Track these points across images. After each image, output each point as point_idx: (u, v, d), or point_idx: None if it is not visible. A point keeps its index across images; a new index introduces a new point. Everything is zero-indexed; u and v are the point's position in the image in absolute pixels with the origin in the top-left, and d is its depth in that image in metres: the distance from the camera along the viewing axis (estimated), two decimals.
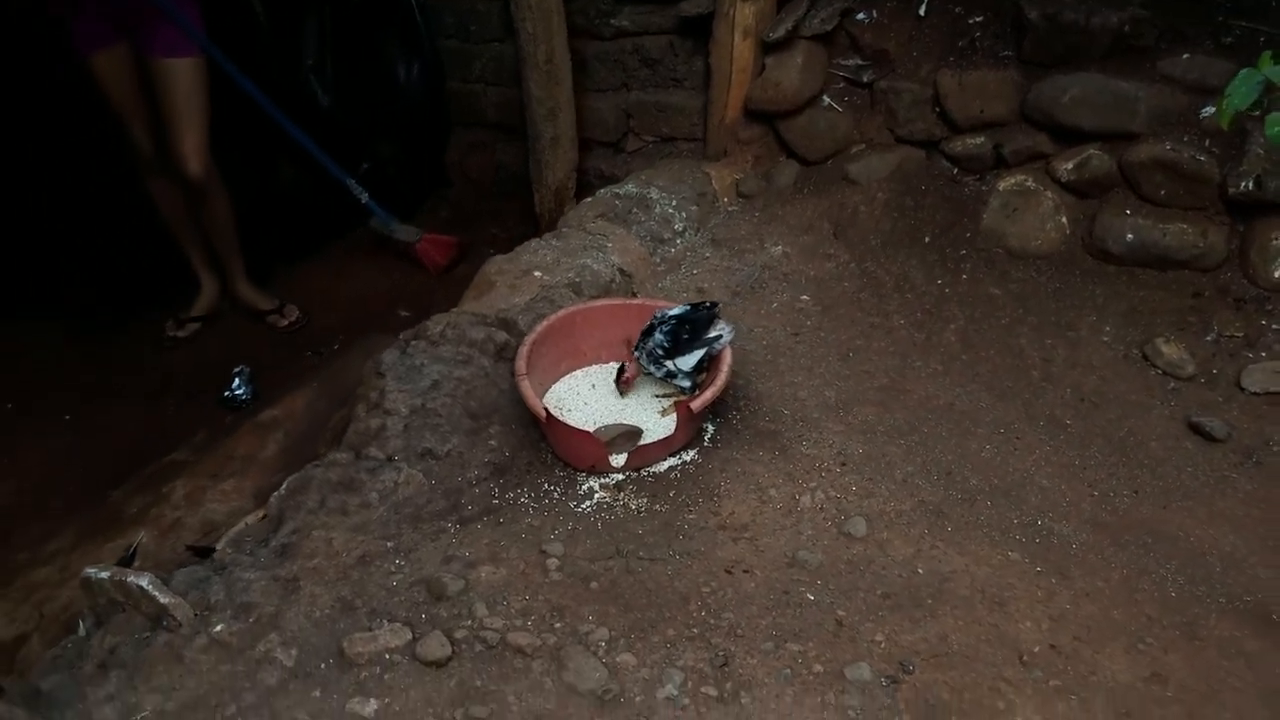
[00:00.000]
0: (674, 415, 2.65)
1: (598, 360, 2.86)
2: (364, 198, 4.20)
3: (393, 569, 2.26)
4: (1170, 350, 2.81)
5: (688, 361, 2.57)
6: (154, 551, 2.50)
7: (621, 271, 3.15)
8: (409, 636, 2.07)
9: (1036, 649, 2.03)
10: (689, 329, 2.56)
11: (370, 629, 2.11)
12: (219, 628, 2.10)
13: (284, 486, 2.49)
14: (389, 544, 2.33)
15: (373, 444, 2.56)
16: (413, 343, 2.81)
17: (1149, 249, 3.08)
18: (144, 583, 2.12)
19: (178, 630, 2.10)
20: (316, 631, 2.12)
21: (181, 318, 4.04)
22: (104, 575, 2.16)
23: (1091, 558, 2.26)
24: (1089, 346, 2.92)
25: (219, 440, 2.82)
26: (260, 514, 2.58)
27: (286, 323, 4.03)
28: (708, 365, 2.63)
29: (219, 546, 2.48)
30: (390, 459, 2.53)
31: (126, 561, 2.42)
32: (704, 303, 2.63)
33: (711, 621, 2.11)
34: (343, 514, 2.40)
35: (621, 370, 2.74)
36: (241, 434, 2.81)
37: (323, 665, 2.04)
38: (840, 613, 2.12)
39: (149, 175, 3.80)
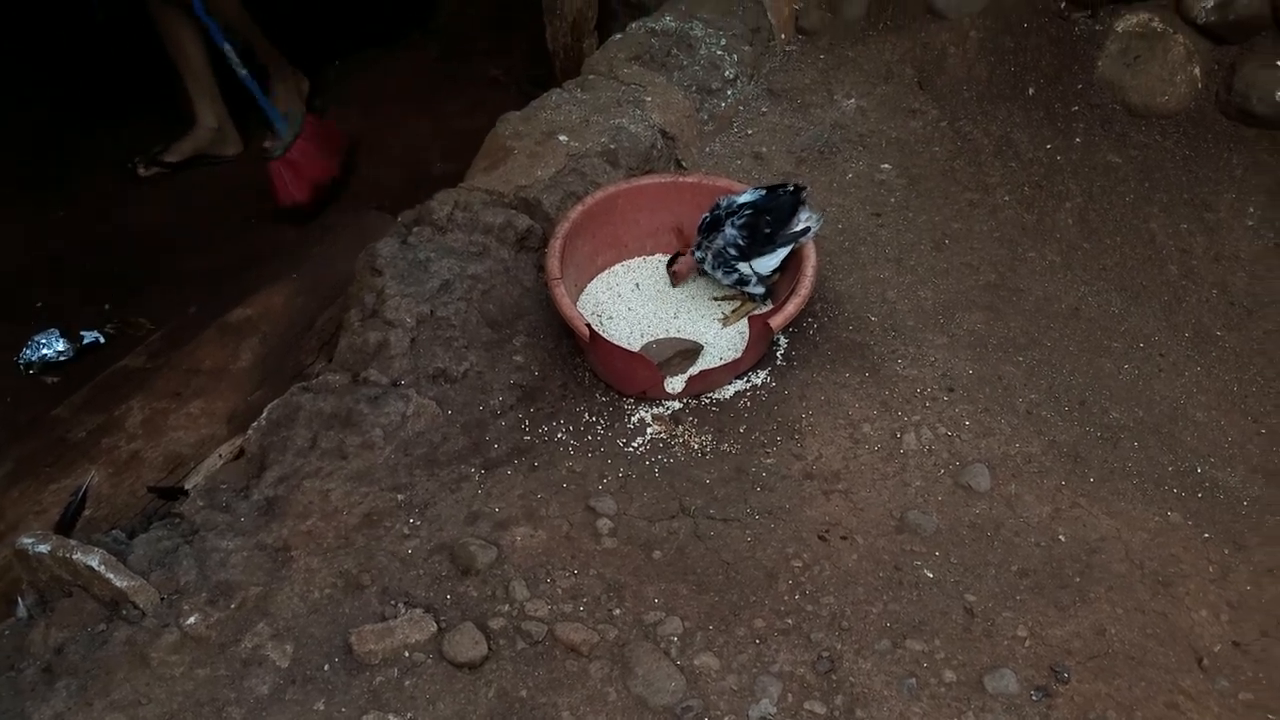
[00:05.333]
0: (739, 327, 2.17)
1: (641, 251, 2.34)
2: (241, 72, 3.11)
3: (406, 531, 1.83)
4: None
5: (768, 263, 2.06)
6: (108, 495, 2.05)
7: (663, 134, 2.58)
8: (433, 628, 1.67)
9: (1218, 648, 1.64)
10: (769, 220, 2.03)
11: (384, 616, 1.70)
12: (193, 619, 1.68)
13: (265, 416, 2.02)
14: (399, 497, 1.89)
15: (373, 364, 2.07)
16: (415, 229, 2.28)
17: None
18: (94, 562, 1.69)
19: (140, 622, 1.68)
20: (316, 620, 1.70)
21: (155, 153, 3.44)
22: (44, 549, 1.72)
23: (1269, 520, 1.85)
24: (1232, 233, 2.41)
25: (179, 348, 2.31)
26: (236, 446, 2.12)
27: (271, 143, 3.43)
28: (786, 263, 2.12)
29: (188, 488, 2.03)
30: (396, 384, 2.05)
31: (74, 510, 1.97)
32: (784, 185, 2.09)
33: (809, 608, 1.70)
34: (340, 457, 1.94)
35: (675, 258, 2.23)
36: (207, 340, 2.31)
37: (326, 666, 1.64)
38: (970, 597, 1.71)
39: None
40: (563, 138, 2.48)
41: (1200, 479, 1.92)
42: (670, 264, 2.28)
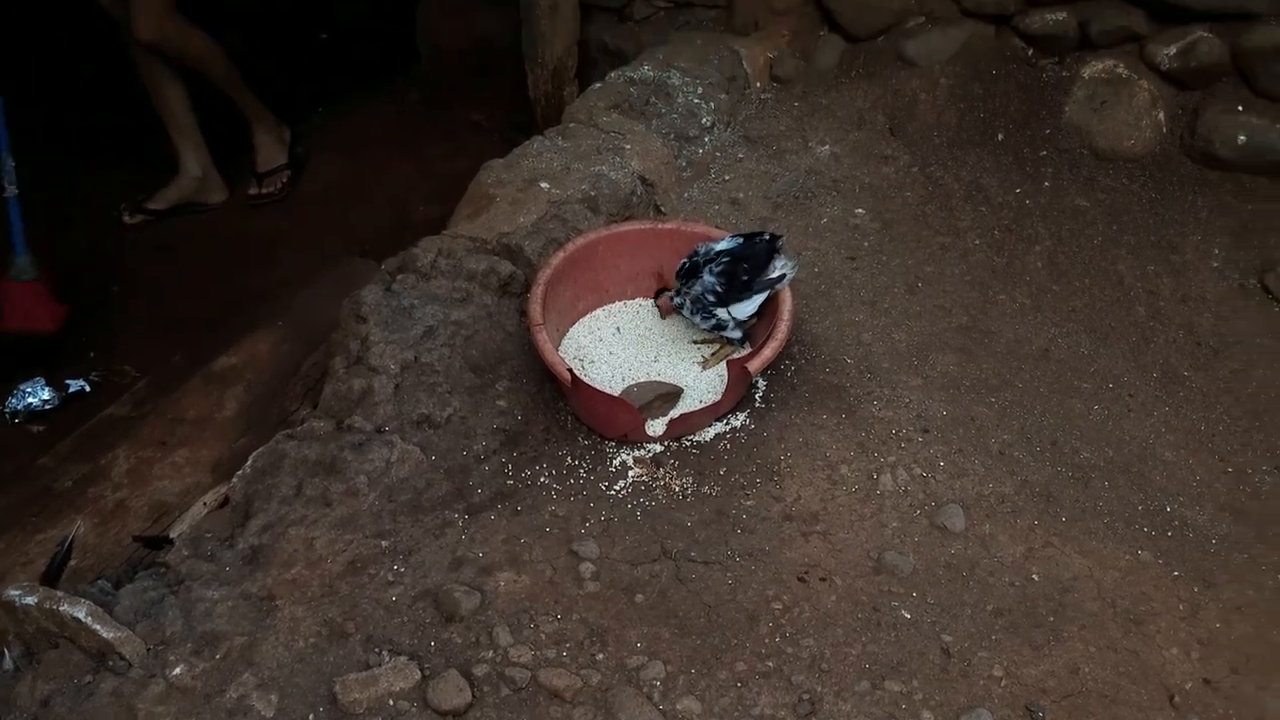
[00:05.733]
0: (719, 370, 2.21)
1: (622, 296, 2.38)
2: (10, 191, 2.96)
3: (390, 578, 1.85)
4: None
5: (745, 309, 2.11)
6: (94, 545, 2.06)
7: (643, 180, 2.63)
8: (417, 676, 1.68)
9: (1188, 685, 1.68)
10: (746, 266, 2.08)
11: (368, 664, 1.71)
12: (178, 669, 1.68)
13: (249, 464, 2.04)
14: (384, 543, 1.91)
15: (357, 411, 2.09)
16: (399, 276, 2.31)
17: (1263, 153, 2.61)
18: (80, 614, 1.70)
19: (127, 673, 1.69)
20: (301, 668, 1.71)
21: (140, 200, 3.48)
22: (30, 601, 1.73)
23: (1236, 558, 1.89)
24: (1198, 274, 2.48)
25: (164, 396, 2.33)
26: (220, 494, 2.14)
27: (256, 191, 3.48)
28: (763, 308, 2.17)
29: (173, 537, 2.04)
30: (380, 430, 2.07)
31: (60, 561, 1.98)
32: (760, 233, 2.14)
33: (789, 651, 1.72)
34: (324, 504, 1.96)
35: (661, 292, 2.31)
36: (192, 389, 2.33)
37: (311, 716, 1.65)
38: (946, 637, 1.74)
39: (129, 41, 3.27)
40: (544, 185, 2.53)
41: (1170, 517, 1.96)
42: (657, 296, 2.34)
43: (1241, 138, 2.62)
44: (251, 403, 2.33)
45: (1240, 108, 2.64)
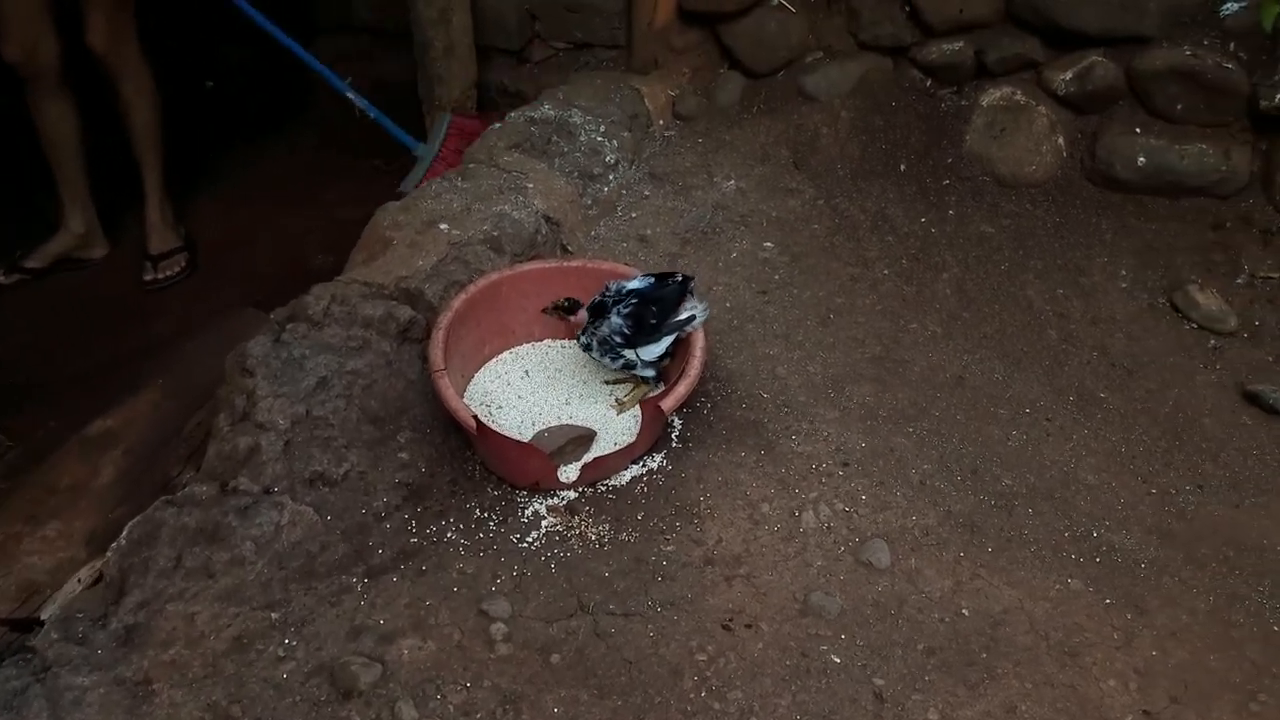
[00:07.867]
0: (633, 411, 2.12)
1: (530, 338, 2.28)
2: (371, 112, 3.32)
3: (281, 653, 1.70)
4: (1206, 300, 2.40)
5: (652, 351, 2.03)
6: None
7: (547, 219, 2.54)
8: None
9: (1128, 718, 1.61)
10: (655, 309, 2.00)
11: None
12: None
13: (124, 535, 1.86)
14: (273, 615, 1.76)
15: (243, 471, 1.94)
16: (289, 326, 2.17)
17: (1162, 174, 2.65)
18: None
19: None
20: None
21: (16, 259, 3.26)
22: None
23: (1167, 581, 1.85)
24: (1107, 295, 2.48)
25: (38, 465, 2.15)
26: (95, 569, 1.96)
27: (152, 277, 3.28)
28: (674, 349, 2.09)
29: (43, 618, 1.86)
30: (268, 491, 1.92)
31: None
32: (672, 274, 2.07)
33: (715, 706, 1.62)
34: (207, 576, 1.80)
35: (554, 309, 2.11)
36: (65, 456, 2.15)
37: None
38: (878, 681, 1.65)
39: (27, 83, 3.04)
40: (444, 226, 2.42)
41: (1097, 543, 1.92)
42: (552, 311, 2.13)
43: (1141, 159, 2.65)
44: (130, 468, 2.15)
45: (1138, 129, 2.68)
